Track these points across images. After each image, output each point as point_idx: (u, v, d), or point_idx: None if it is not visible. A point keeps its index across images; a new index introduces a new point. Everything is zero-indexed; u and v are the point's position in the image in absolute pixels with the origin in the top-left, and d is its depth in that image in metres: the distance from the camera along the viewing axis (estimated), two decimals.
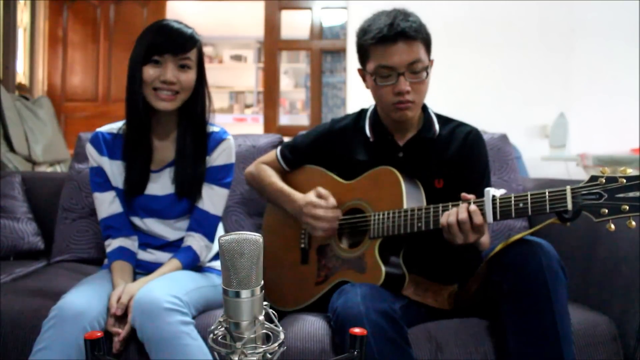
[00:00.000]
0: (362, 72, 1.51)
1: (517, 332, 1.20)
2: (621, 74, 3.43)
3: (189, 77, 1.44)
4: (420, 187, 1.44)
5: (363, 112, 1.60)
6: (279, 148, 1.69)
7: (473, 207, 1.25)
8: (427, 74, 1.42)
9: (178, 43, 1.41)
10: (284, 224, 1.62)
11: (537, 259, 1.20)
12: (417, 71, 1.40)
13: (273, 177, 1.63)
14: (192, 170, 1.50)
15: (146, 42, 1.42)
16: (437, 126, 1.52)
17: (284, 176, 1.66)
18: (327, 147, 1.59)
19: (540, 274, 1.19)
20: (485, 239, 1.44)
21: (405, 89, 1.39)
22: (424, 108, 1.54)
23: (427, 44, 1.43)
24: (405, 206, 1.36)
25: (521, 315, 1.20)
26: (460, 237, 1.27)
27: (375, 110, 1.56)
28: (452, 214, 1.26)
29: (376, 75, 1.42)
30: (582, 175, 3.22)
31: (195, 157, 1.50)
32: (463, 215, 1.25)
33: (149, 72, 1.41)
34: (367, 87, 1.50)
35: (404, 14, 1.40)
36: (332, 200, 1.47)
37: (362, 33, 1.44)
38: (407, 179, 1.42)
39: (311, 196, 1.48)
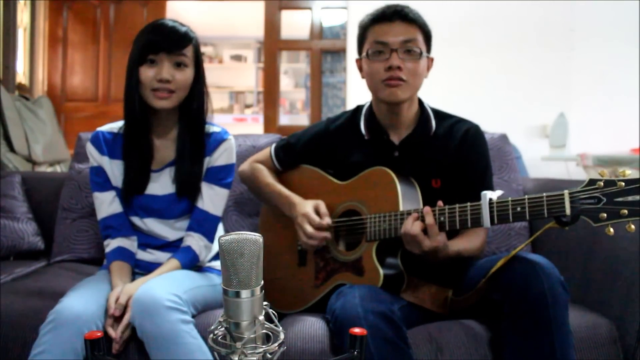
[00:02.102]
0: (359, 62, 1.51)
1: (515, 353, 1.19)
2: (621, 74, 3.43)
3: (185, 75, 1.44)
4: (416, 187, 1.43)
5: (359, 108, 1.59)
6: (273, 147, 1.67)
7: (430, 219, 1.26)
8: (422, 55, 1.43)
9: (172, 41, 1.41)
10: (280, 225, 1.61)
11: (539, 281, 1.18)
12: (411, 50, 1.41)
13: (269, 178, 1.62)
14: (192, 170, 1.50)
15: (141, 42, 1.42)
16: (434, 123, 1.50)
17: (279, 175, 1.65)
18: (322, 148, 1.58)
19: (542, 297, 1.17)
20: (466, 245, 1.42)
21: (397, 64, 1.40)
22: (421, 104, 1.53)
23: (425, 35, 1.45)
24: (401, 208, 1.35)
25: (520, 337, 1.19)
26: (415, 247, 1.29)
27: (370, 107, 1.54)
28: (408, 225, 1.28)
29: (369, 52, 1.44)
30: (582, 175, 3.22)
31: (194, 157, 1.50)
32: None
33: (146, 72, 1.41)
34: (363, 76, 1.50)
35: (406, 6, 1.45)
36: (327, 220, 1.45)
37: (364, 17, 1.48)
38: (402, 179, 1.41)
39: (309, 208, 1.46)
